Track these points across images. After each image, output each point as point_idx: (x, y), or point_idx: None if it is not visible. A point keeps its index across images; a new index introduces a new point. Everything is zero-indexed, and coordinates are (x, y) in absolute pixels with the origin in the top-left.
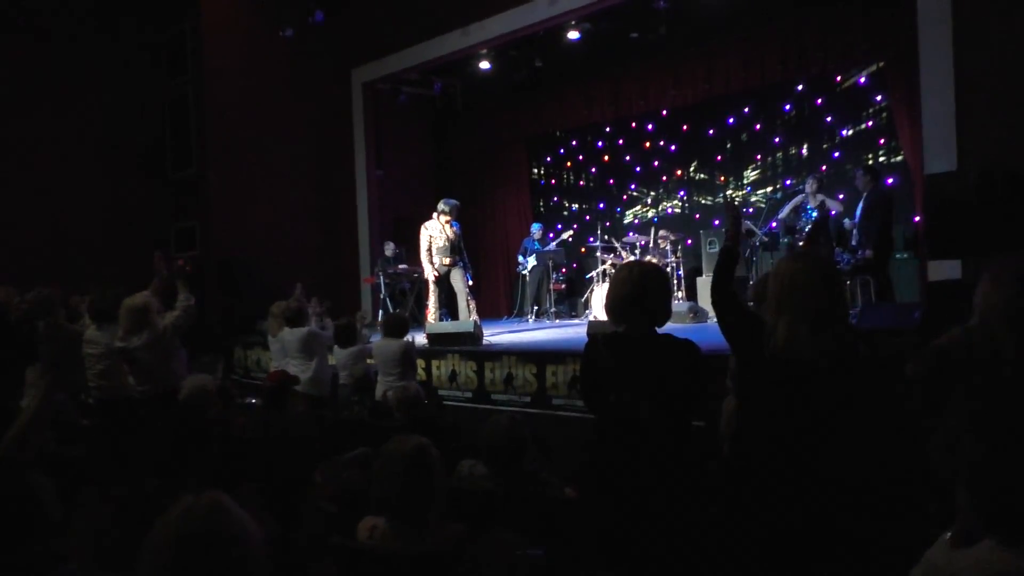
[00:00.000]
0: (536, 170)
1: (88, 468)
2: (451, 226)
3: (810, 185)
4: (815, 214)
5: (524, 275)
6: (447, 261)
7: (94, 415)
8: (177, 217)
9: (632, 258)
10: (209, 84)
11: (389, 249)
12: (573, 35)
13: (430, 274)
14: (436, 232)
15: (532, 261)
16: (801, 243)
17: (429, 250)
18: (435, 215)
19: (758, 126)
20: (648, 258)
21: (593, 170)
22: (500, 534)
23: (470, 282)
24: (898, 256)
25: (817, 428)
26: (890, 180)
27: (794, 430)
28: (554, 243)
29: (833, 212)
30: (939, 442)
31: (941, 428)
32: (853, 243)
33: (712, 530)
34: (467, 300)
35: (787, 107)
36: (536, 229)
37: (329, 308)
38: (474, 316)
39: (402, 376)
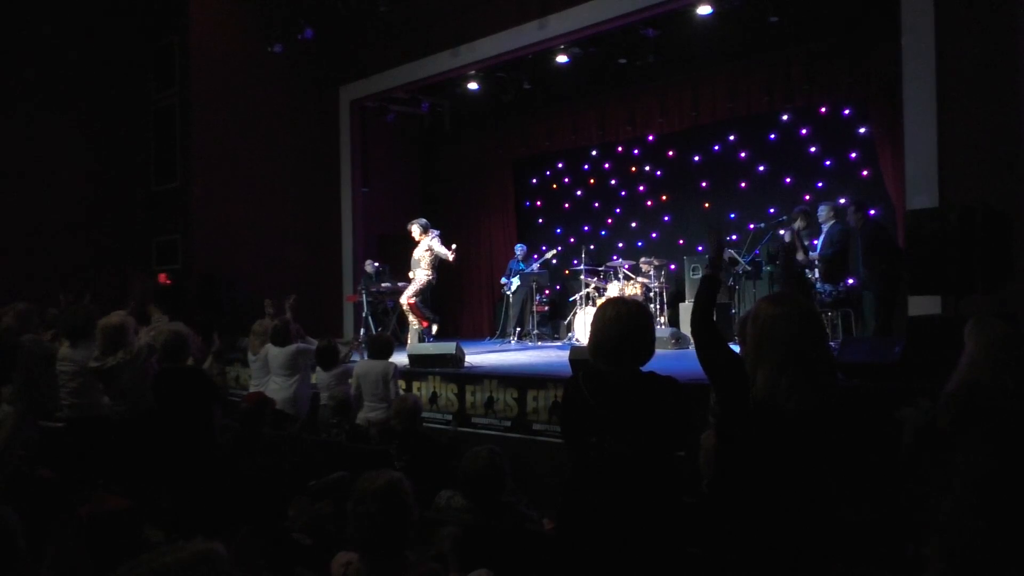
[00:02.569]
0: (522, 191)
1: (60, 490)
2: (425, 242)
3: (799, 222)
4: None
5: (508, 296)
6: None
7: (66, 434)
8: (159, 230)
9: (616, 282)
10: (195, 97)
11: (371, 267)
12: (562, 59)
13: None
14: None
15: (516, 282)
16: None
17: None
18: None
19: (743, 154)
20: (632, 282)
21: (579, 193)
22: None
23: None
24: None
25: (799, 477)
26: (872, 211)
27: (775, 478)
28: (537, 264)
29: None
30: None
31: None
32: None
33: (691, 570)
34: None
35: (772, 136)
36: (520, 249)
37: (294, 318)
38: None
39: (385, 399)
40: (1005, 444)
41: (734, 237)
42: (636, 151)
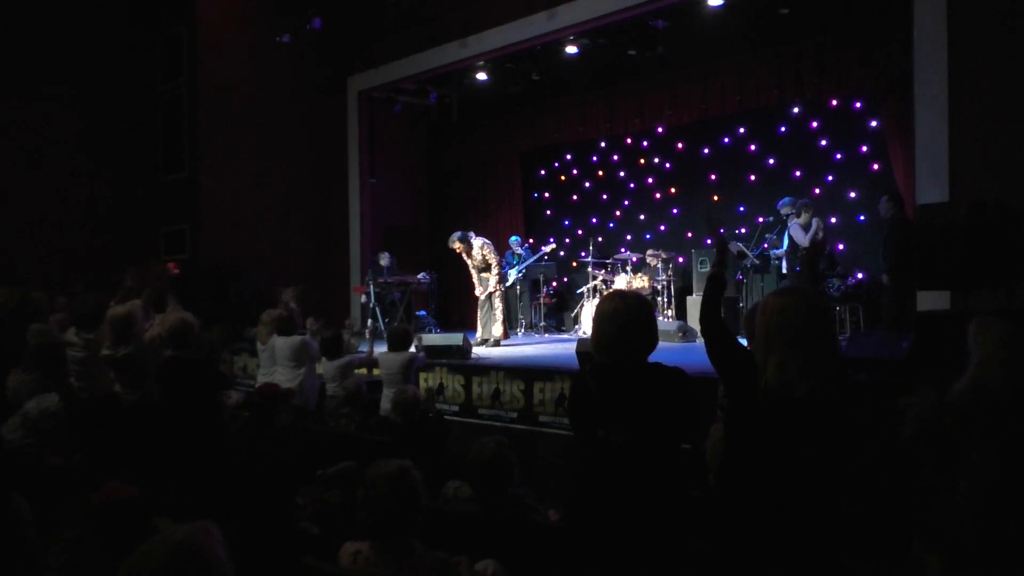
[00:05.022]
0: (529, 183)
1: (70, 477)
2: (469, 253)
3: (805, 216)
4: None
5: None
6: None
7: (79, 418)
8: (167, 220)
9: (624, 275)
10: (203, 87)
11: (384, 259)
12: (571, 50)
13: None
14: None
15: (513, 275)
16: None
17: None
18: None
19: (752, 147)
20: (639, 275)
21: (587, 185)
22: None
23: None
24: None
25: (808, 468)
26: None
27: (783, 469)
28: (527, 263)
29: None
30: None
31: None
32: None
33: (697, 563)
34: (485, 318)
35: (782, 129)
36: (514, 241)
37: (322, 325)
38: (487, 334)
39: None
40: (1012, 446)
41: (742, 230)
42: (645, 143)
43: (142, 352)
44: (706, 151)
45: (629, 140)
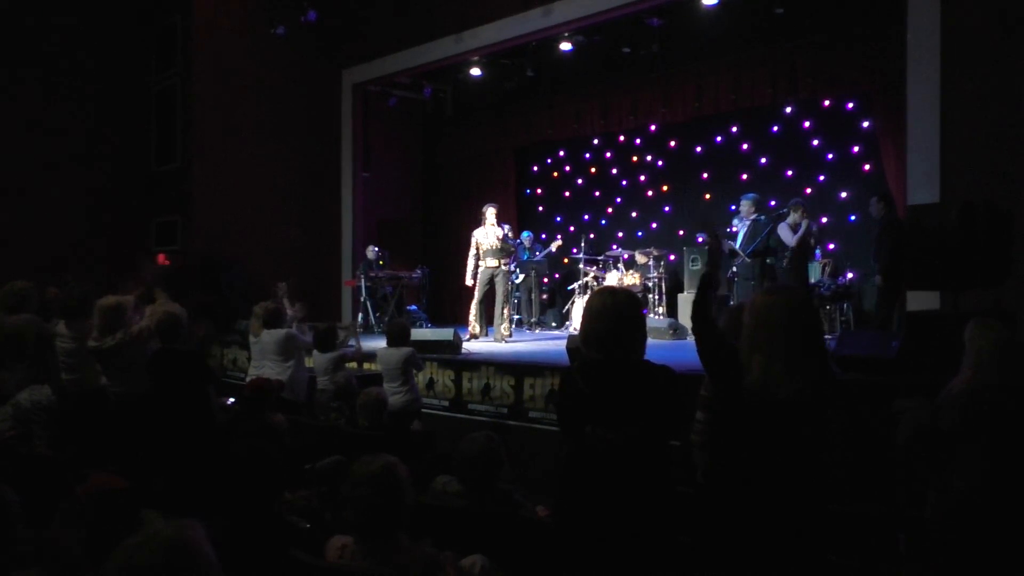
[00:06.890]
0: (523, 179)
1: (57, 468)
2: (499, 228)
3: (795, 215)
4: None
5: (513, 285)
6: (492, 264)
7: (69, 409)
8: (158, 211)
9: (615, 272)
10: (197, 78)
11: (372, 252)
12: (566, 47)
13: (469, 279)
14: (481, 236)
15: (522, 273)
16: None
17: (476, 254)
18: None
19: (745, 146)
20: (630, 272)
21: (579, 182)
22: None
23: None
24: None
25: (792, 466)
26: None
27: (768, 468)
28: (541, 255)
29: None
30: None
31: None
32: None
33: (685, 558)
34: (502, 307)
35: (774, 128)
36: (525, 237)
37: (306, 313)
38: (503, 325)
39: (404, 384)
40: (1009, 446)
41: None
42: (638, 141)
43: (129, 344)
44: (699, 150)
45: (622, 137)
